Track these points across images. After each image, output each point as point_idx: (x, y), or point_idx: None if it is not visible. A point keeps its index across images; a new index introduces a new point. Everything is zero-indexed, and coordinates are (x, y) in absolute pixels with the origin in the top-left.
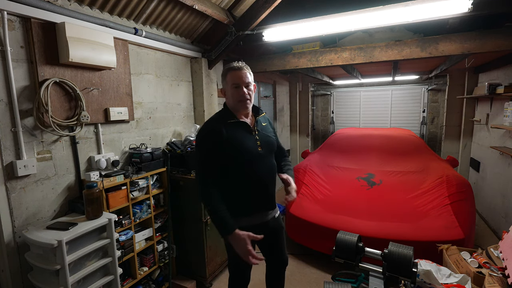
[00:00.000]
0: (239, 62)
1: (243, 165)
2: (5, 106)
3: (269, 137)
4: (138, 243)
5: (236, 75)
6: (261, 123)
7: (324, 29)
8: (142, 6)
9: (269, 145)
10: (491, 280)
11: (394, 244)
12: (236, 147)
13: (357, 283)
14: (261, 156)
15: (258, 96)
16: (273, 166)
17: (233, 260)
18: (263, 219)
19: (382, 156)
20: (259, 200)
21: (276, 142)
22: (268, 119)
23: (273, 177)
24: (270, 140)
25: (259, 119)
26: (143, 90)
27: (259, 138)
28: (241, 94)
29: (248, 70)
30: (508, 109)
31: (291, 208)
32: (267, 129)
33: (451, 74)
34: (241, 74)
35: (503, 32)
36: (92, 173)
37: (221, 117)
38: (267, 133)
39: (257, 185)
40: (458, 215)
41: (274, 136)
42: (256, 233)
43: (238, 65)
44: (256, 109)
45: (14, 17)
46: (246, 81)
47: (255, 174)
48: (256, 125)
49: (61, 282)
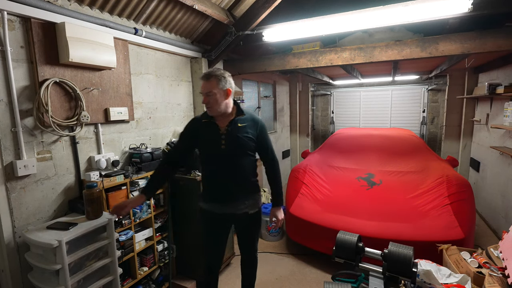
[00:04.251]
0: (210, 70)
1: (206, 159)
2: (5, 106)
3: (238, 137)
4: (138, 243)
5: (202, 84)
6: (236, 124)
7: (324, 29)
8: (142, 6)
9: (237, 145)
10: (491, 280)
11: (394, 244)
12: (201, 142)
13: (357, 283)
14: (224, 154)
15: (258, 96)
16: (238, 165)
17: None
18: (225, 211)
19: (382, 156)
20: (217, 193)
21: (249, 144)
22: (253, 120)
23: (237, 175)
24: (240, 141)
25: (236, 120)
26: (143, 90)
27: (226, 137)
28: (203, 102)
29: (216, 79)
30: (508, 109)
31: (291, 208)
32: (242, 130)
33: (451, 74)
34: (204, 84)
35: (503, 32)
36: (92, 173)
37: (201, 117)
38: (239, 134)
39: (216, 179)
40: (458, 215)
41: (248, 138)
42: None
43: (205, 74)
44: (239, 110)
45: (14, 17)
46: (205, 91)
47: (215, 170)
48: (228, 125)
49: (61, 282)
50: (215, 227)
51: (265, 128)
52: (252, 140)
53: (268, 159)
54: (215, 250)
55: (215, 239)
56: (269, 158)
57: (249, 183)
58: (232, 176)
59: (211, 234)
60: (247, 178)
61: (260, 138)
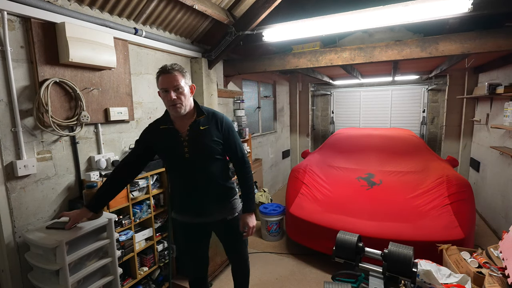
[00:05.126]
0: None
1: (170, 169)
2: (5, 106)
3: (202, 143)
4: (138, 243)
5: (164, 80)
6: (198, 127)
7: (324, 29)
8: (142, 6)
9: (201, 152)
10: (491, 280)
11: (394, 244)
12: (162, 151)
13: (357, 283)
14: (189, 162)
15: (258, 96)
16: (207, 173)
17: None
18: (200, 220)
19: (382, 156)
20: (187, 204)
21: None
22: (216, 120)
23: (207, 184)
24: (204, 147)
25: (197, 122)
26: (143, 90)
27: (189, 144)
28: (169, 99)
29: (180, 73)
30: (508, 109)
31: (291, 208)
32: (205, 134)
33: (451, 74)
34: (169, 78)
35: (503, 32)
36: (92, 173)
37: (158, 122)
38: (201, 139)
39: (183, 190)
40: (458, 215)
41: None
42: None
43: (167, 68)
44: (199, 110)
45: (14, 17)
46: (173, 84)
47: (181, 178)
48: (189, 129)
49: (61, 282)
50: (192, 238)
51: (230, 125)
52: (218, 143)
53: (237, 159)
54: (198, 261)
55: (194, 250)
56: (239, 157)
57: (221, 188)
58: (201, 185)
59: (189, 245)
60: (219, 184)
61: (226, 138)
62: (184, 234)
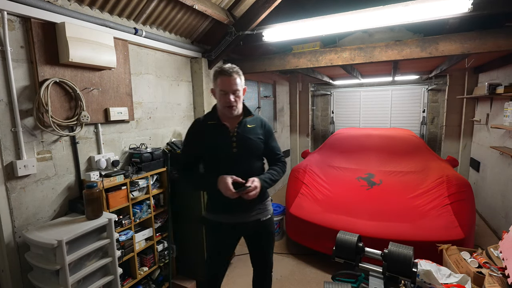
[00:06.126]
0: (231, 66)
1: (214, 164)
2: (5, 106)
3: (250, 139)
4: (138, 243)
5: (224, 82)
6: (245, 125)
7: (324, 29)
8: (142, 6)
9: (249, 147)
10: (491, 280)
11: (394, 244)
12: (210, 146)
13: (357, 283)
14: (235, 157)
15: (258, 96)
16: (249, 168)
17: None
18: (235, 220)
19: (382, 156)
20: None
21: (260, 146)
22: (261, 121)
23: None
24: (251, 142)
25: (244, 121)
26: (143, 90)
27: (237, 139)
28: (227, 101)
29: (238, 76)
30: (508, 109)
31: (291, 208)
32: (252, 132)
33: (451, 74)
34: (230, 81)
35: (503, 32)
36: (92, 173)
37: (205, 118)
38: (249, 136)
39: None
40: (458, 215)
41: (259, 139)
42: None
43: (228, 70)
44: (247, 110)
45: (14, 17)
46: (233, 88)
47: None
48: (238, 127)
49: (61, 282)
50: (223, 239)
51: (271, 127)
52: (262, 141)
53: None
54: (221, 261)
55: (222, 251)
56: (278, 156)
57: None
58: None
59: (219, 246)
60: None
61: (268, 138)
62: (217, 235)
